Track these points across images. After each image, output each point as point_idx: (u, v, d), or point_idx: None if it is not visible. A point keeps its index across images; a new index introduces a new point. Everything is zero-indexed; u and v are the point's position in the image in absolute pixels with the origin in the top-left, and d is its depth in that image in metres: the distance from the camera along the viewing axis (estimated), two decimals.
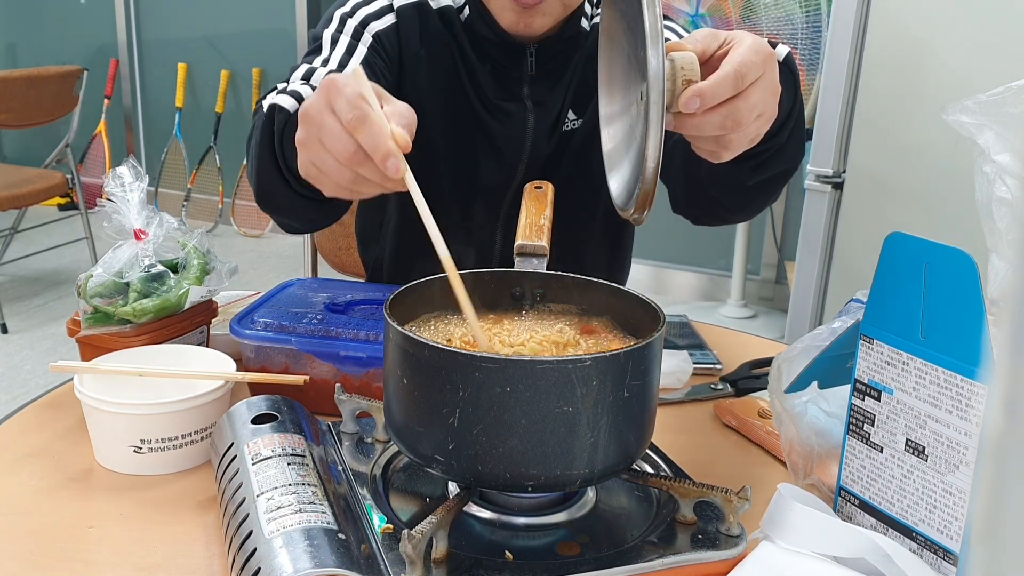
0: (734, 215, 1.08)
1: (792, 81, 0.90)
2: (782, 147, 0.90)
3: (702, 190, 1.03)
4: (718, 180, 0.98)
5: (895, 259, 0.65)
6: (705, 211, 1.09)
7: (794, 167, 0.97)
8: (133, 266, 0.92)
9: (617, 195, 0.78)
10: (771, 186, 0.98)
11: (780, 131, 0.88)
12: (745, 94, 0.70)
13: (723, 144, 0.73)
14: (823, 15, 2.69)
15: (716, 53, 0.72)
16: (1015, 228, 0.62)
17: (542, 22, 1.06)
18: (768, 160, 0.91)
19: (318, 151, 0.70)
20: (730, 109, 0.70)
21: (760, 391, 0.97)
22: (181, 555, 0.67)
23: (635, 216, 0.73)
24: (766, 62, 0.71)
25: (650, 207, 0.71)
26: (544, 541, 0.66)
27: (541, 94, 1.14)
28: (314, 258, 1.74)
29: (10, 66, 4.70)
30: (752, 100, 0.70)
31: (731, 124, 0.70)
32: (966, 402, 0.60)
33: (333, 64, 1.05)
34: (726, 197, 1.02)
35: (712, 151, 0.75)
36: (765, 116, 0.74)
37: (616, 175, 0.79)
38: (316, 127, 0.69)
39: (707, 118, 0.70)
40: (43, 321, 3.22)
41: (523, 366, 0.60)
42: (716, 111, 0.69)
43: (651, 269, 3.72)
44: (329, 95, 0.68)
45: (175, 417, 0.78)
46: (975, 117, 0.67)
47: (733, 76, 0.69)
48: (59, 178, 3.32)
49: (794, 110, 0.90)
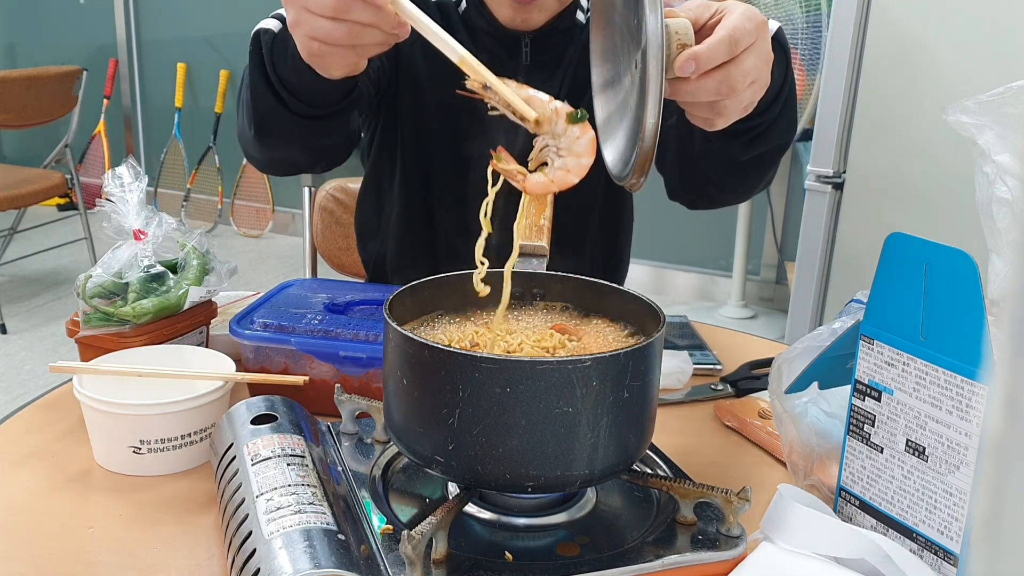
0: (728, 195, 1.09)
1: (783, 56, 0.91)
2: (774, 122, 0.92)
3: (696, 171, 1.04)
4: (712, 156, 0.99)
5: (895, 259, 0.65)
6: (700, 193, 1.10)
7: (787, 143, 0.98)
8: (132, 266, 0.92)
9: (612, 164, 0.78)
10: (764, 163, 0.99)
11: (772, 105, 0.89)
12: (739, 59, 0.70)
13: (717, 110, 0.74)
14: (823, 15, 2.69)
15: (708, 22, 0.73)
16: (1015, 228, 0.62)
17: (539, 17, 1.08)
18: (760, 135, 0.92)
19: (309, 20, 0.72)
20: (724, 74, 0.70)
21: (760, 392, 0.97)
22: (181, 555, 0.67)
23: (633, 181, 0.73)
24: (759, 29, 0.72)
25: (647, 171, 0.71)
26: (544, 542, 0.66)
27: (537, 86, 1.14)
28: (314, 258, 1.74)
29: (9, 66, 4.70)
30: (746, 65, 0.71)
31: (726, 89, 0.71)
32: (966, 402, 0.60)
33: None
34: (719, 175, 1.03)
35: (707, 118, 0.76)
36: (759, 83, 0.74)
37: (611, 144, 0.79)
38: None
39: (702, 83, 0.70)
40: (43, 321, 3.22)
41: (523, 367, 0.60)
42: (711, 76, 0.70)
43: (651, 269, 3.72)
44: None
45: (175, 418, 0.78)
46: (975, 117, 0.67)
47: (728, 41, 0.69)
48: (58, 178, 3.32)
49: (785, 85, 0.91)
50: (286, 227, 4.29)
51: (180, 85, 4.35)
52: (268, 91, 0.91)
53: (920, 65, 2.03)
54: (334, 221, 1.66)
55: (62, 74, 3.27)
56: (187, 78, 4.37)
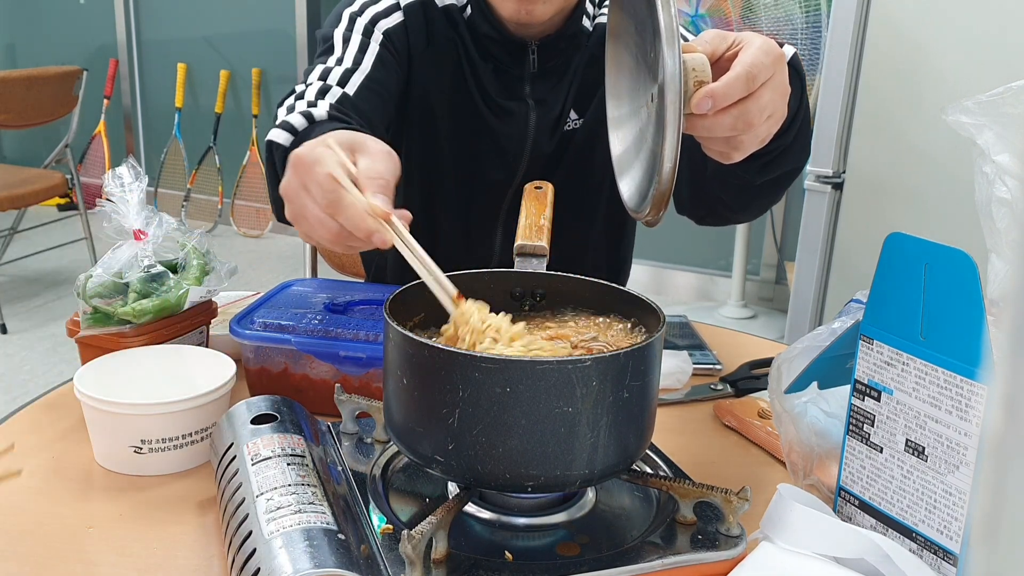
0: (737, 215, 1.08)
1: (799, 82, 0.90)
2: (788, 147, 0.91)
3: (707, 191, 1.03)
4: (725, 180, 0.98)
5: (895, 259, 0.65)
6: (709, 211, 1.10)
7: (800, 167, 0.97)
8: (132, 266, 0.92)
9: (629, 198, 0.78)
10: (777, 186, 0.99)
11: (787, 131, 0.88)
12: (756, 95, 0.70)
13: (734, 145, 0.73)
14: (823, 15, 2.69)
15: (725, 55, 0.72)
16: (1015, 228, 0.62)
17: (543, 9, 1.05)
18: (775, 160, 0.91)
19: (306, 228, 0.70)
20: (741, 110, 0.70)
21: (760, 391, 0.97)
22: (181, 555, 0.67)
23: (650, 218, 0.73)
24: (776, 63, 0.71)
25: (665, 208, 0.71)
26: (544, 541, 0.66)
27: (543, 93, 1.14)
28: (314, 258, 1.74)
29: (9, 66, 4.70)
30: (763, 101, 0.70)
31: (742, 125, 0.70)
32: (966, 402, 0.60)
33: (347, 63, 1.06)
34: (731, 197, 1.02)
35: (723, 152, 0.75)
36: (775, 117, 0.74)
37: (627, 178, 0.79)
38: (298, 208, 0.70)
39: (719, 119, 0.70)
40: (43, 321, 3.22)
41: (523, 366, 0.60)
42: (728, 112, 0.69)
43: (651, 269, 3.72)
44: (301, 178, 0.69)
45: (175, 417, 0.78)
46: (975, 117, 0.67)
47: (745, 77, 0.69)
48: (59, 178, 3.32)
49: (800, 110, 0.90)
50: (286, 227, 4.27)
51: (180, 85, 4.35)
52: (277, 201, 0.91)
53: (920, 65, 2.03)
54: None
55: (62, 74, 3.27)
56: (187, 78, 4.37)
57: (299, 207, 0.69)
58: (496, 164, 1.17)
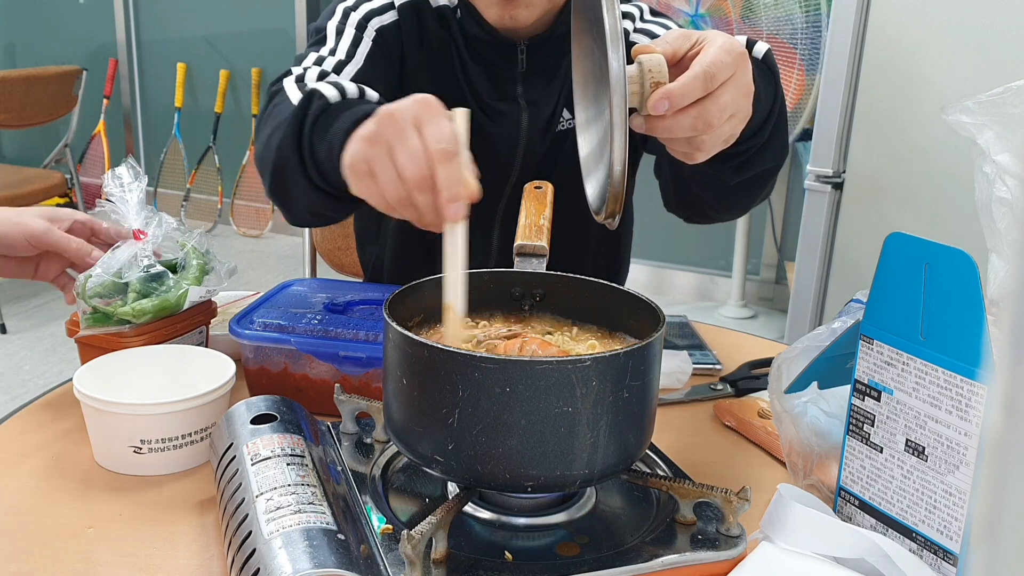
0: (721, 214, 1.08)
1: (772, 79, 0.89)
2: (763, 146, 0.90)
3: (688, 190, 1.03)
4: (701, 180, 0.98)
5: (895, 259, 0.65)
6: (694, 210, 1.10)
7: (777, 166, 0.96)
8: (132, 266, 0.92)
9: (592, 199, 0.78)
10: (755, 185, 0.98)
11: (761, 130, 0.87)
12: (715, 95, 0.69)
13: (695, 145, 0.73)
14: (823, 15, 2.68)
15: (688, 54, 0.71)
16: (1015, 228, 0.62)
17: (527, 14, 1.04)
18: (749, 160, 0.90)
19: (383, 157, 0.68)
20: (700, 110, 0.69)
21: (760, 391, 0.97)
22: (181, 555, 0.67)
23: (608, 220, 0.73)
24: (737, 62, 0.70)
25: (620, 210, 0.71)
26: (544, 542, 0.66)
27: (534, 93, 1.14)
28: (313, 258, 1.74)
29: (9, 66, 4.70)
30: (723, 101, 0.70)
31: (702, 125, 0.70)
32: (966, 402, 0.60)
33: (340, 54, 1.05)
34: (710, 197, 1.02)
35: (685, 152, 0.75)
36: (738, 116, 0.73)
37: (592, 180, 0.79)
38: (396, 134, 0.67)
39: (677, 120, 0.69)
40: (42, 321, 3.22)
41: (522, 366, 0.60)
42: (686, 112, 0.69)
43: (651, 269, 3.72)
44: (423, 113, 0.67)
45: (175, 417, 0.78)
46: (975, 117, 0.67)
47: (703, 76, 0.68)
48: (58, 178, 3.32)
49: (774, 109, 0.89)
50: (286, 227, 4.29)
51: (180, 85, 4.35)
52: (295, 154, 0.88)
53: (920, 65, 2.03)
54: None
55: (62, 74, 3.27)
56: (187, 78, 4.37)
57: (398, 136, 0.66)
58: (490, 166, 1.16)
